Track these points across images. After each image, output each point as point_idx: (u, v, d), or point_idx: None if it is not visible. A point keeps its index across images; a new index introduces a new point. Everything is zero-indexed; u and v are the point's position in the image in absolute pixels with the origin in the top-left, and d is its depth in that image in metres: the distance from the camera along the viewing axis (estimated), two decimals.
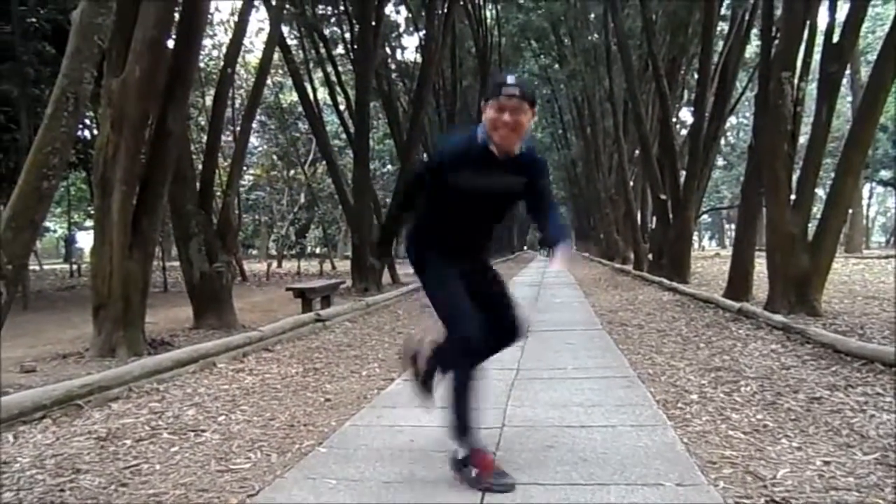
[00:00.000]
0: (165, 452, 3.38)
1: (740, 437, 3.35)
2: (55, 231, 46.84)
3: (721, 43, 15.10)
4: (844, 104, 30.39)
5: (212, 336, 7.16)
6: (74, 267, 25.11)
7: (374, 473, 2.99)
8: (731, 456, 3.07)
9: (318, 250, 39.62)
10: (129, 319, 6.20)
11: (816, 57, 8.27)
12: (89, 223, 32.71)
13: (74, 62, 5.22)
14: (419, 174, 3.20)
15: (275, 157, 30.80)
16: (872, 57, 7.90)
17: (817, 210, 9.61)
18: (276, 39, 11.20)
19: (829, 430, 3.41)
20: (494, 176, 2.84)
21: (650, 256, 17.52)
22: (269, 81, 19.88)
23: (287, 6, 13.17)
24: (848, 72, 21.39)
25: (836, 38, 7.67)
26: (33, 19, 12.72)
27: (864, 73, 25.66)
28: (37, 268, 24.20)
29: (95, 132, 12.92)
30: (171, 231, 10.46)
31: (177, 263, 12.94)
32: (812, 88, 8.75)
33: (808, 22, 8.00)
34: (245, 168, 28.82)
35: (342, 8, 17.13)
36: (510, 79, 2.77)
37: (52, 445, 3.49)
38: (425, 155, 21.72)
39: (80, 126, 12.26)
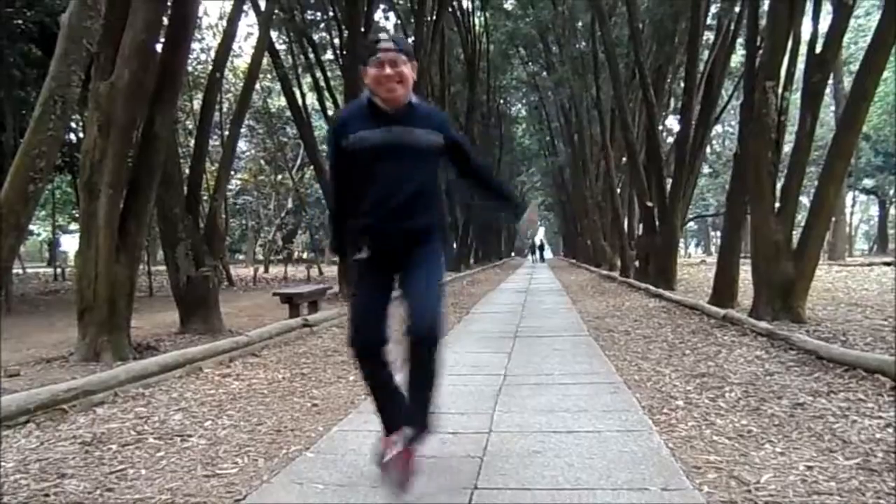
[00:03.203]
0: (151, 457, 3.37)
1: (725, 443, 3.38)
2: (39, 234, 46.37)
3: (707, 52, 15.25)
4: (828, 113, 30.70)
5: (198, 341, 7.12)
6: (58, 270, 24.86)
7: (361, 478, 2.99)
8: (715, 461, 3.10)
9: (305, 255, 39.50)
10: (114, 323, 6.15)
11: (800, 66, 8.39)
12: (74, 226, 32.45)
13: (62, 65, 5.20)
14: (331, 155, 2.93)
15: (262, 161, 30.71)
16: (855, 67, 8.05)
17: (801, 218, 9.71)
18: (265, 44, 11.19)
19: (811, 435, 3.46)
20: (389, 128, 2.75)
21: (637, 263, 17.61)
22: (257, 86, 19.82)
23: (276, 11, 13.16)
24: (831, 81, 21.69)
25: (819, 49, 7.78)
26: (20, 21, 12.63)
27: (847, 82, 25.99)
28: (20, 271, 23.92)
29: (82, 135, 12.84)
30: (158, 235, 10.40)
31: (163, 268, 12.86)
32: (796, 98, 8.87)
33: (792, 32, 8.11)
34: (233, 172, 28.71)
35: (331, 13, 17.14)
36: (383, 35, 2.79)
37: (36, 450, 3.46)
38: None
39: (67, 129, 12.19)
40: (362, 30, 14.38)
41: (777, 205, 8.00)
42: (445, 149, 2.91)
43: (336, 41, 17.90)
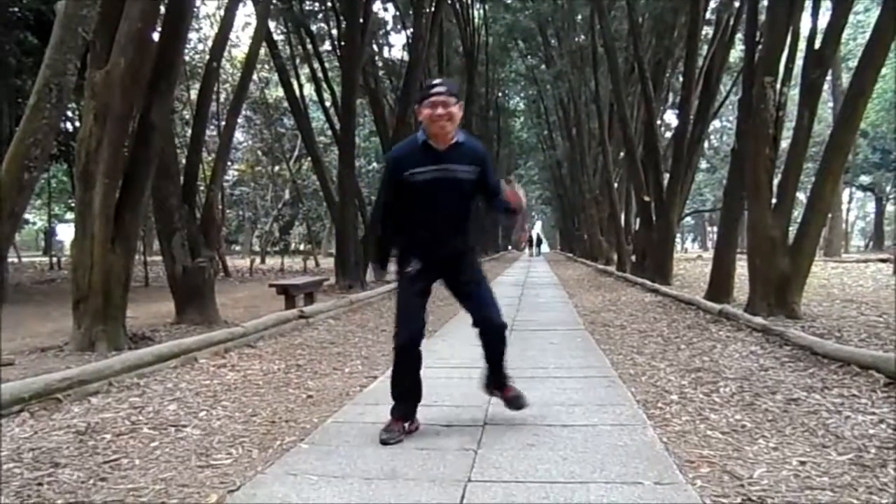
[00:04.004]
0: (145, 447, 3.36)
1: (718, 437, 3.39)
2: (35, 223, 46.26)
3: (706, 47, 15.22)
4: (826, 110, 30.76)
5: (193, 331, 7.11)
6: (54, 260, 24.81)
7: (355, 470, 2.99)
8: (709, 455, 3.11)
9: (302, 247, 39.46)
10: (109, 313, 6.14)
11: (799, 62, 8.38)
12: (70, 216, 32.34)
13: (58, 53, 5.17)
14: (385, 183, 3.52)
15: (260, 152, 30.62)
16: (853, 63, 8.07)
17: (798, 214, 9.73)
18: (262, 34, 11.14)
19: (805, 430, 3.47)
20: (440, 166, 3.34)
21: (633, 258, 17.64)
22: (255, 76, 19.74)
23: (274, 1, 13.10)
24: (829, 78, 21.68)
25: (818, 45, 7.77)
26: (15, 8, 12.55)
27: (845, 79, 25.99)
28: (15, 260, 23.85)
29: (78, 124, 12.79)
30: (154, 225, 10.35)
31: (159, 258, 12.85)
32: (794, 93, 8.87)
33: (791, 28, 8.10)
34: (229, 163, 28.67)
35: (330, 4, 17.06)
36: (436, 80, 3.42)
37: (30, 439, 3.46)
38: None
39: (63, 118, 12.15)
40: (360, 20, 14.32)
41: (774, 201, 8.01)
42: (477, 180, 3.47)
43: (334, 32, 17.82)
